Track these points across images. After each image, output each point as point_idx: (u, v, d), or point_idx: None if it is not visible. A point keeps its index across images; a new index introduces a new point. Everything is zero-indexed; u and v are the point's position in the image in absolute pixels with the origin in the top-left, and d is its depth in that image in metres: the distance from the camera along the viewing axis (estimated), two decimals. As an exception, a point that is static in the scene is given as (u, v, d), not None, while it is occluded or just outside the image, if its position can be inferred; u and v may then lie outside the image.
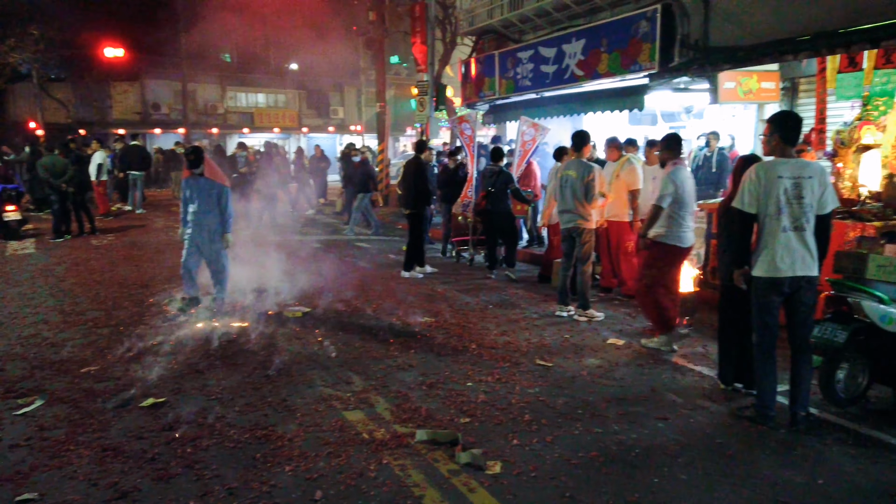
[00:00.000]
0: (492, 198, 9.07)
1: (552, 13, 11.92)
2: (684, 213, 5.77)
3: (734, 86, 9.77)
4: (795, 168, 4.16)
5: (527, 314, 7.19)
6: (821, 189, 4.16)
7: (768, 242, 4.19)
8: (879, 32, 6.78)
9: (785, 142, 4.23)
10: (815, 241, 4.19)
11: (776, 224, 4.15)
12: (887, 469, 3.70)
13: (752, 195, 4.20)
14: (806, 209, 4.14)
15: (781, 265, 4.15)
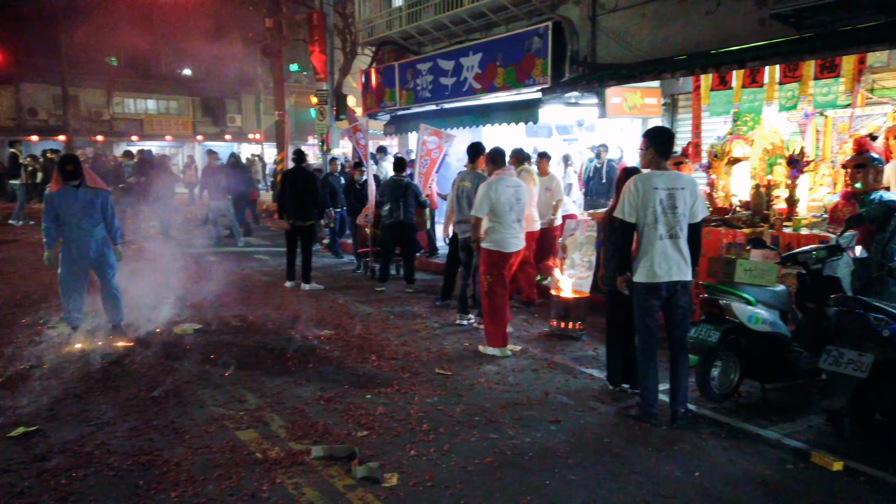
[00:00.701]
0: (399, 209, 9.02)
1: (450, 27, 12.13)
2: (500, 221, 6.11)
3: (620, 101, 10.30)
4: (669, 180, 4.45)
5: (428, 324, 7.23)
6: (692, 199, 4.47)
7: (647, 250, 4.44)
8: (745, 54, 7.37)
9: (659, 155, 4.52)
10: (688, 247, 4.49)
11: (653, 232, 4.41)
12: (755, 458, 4.00)
13: (631, 205, 4.44)
14: (679, 218, 4.43)
15: (659, 271, 4.41)
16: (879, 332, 4.06)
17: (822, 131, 8.40)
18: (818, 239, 6.10)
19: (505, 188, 6.15)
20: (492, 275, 6.19)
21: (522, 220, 6.33)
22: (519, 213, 6.25)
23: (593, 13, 9.87)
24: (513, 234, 6.20)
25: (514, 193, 6.20)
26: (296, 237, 9.15)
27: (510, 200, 6.14)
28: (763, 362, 4.82)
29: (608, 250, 5.30)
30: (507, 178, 6.27)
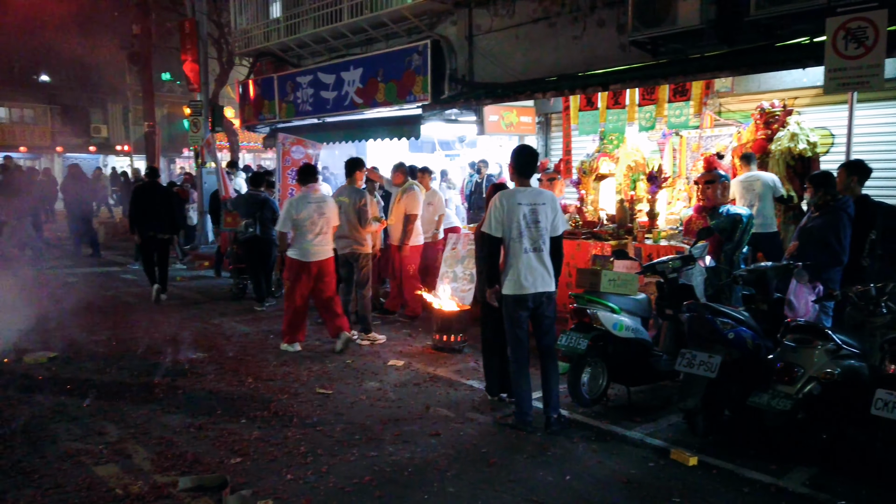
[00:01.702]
0: (255, 225, 8.82)
1: (330, 40, 12.04)
2: (301, 234, 6.63)
3: (498, 119, 10.66)
4: (532, 196, 4.67)
5: (309, 342, 7.06)
6: (553, 214, 4.72)
7: (513, 263, 4.62)
8: (608, 78, 7.88)
9: (519, 173, 4.75)
10: (550, 260, 4.72)
11: (519, 246, 4.60)
12: (621, 458, 4.23)
13: (497, 221, 4.61)
14: (542, 232, 4.64)
15: (525, 283, 4.60)
16: (726, 335, 4.44)
17: (678, 150, 9.13)
18: (675, 250, 6.60)
19: (306, 204, 6.64)
20: (292, 280, 6.71)
21: (329, 232, 6.77)
22: (323, 226, 6.69)
23: (470, 33, 10.16)
24: (314, 245, 6.67)
25: (317, 209, 6.66)
26: (152, 251, 9.28)
27: (311, 216, 6.61)
28: (628, 367, 5.13)
29: (478, 264, 5.46)
30: (310, 194, 6.79)
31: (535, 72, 9.33)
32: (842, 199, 5.26)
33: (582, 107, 8.75)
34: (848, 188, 5.38)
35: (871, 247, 5.24)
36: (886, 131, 7.35)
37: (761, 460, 4.14)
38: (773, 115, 7.59)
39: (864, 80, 5.40)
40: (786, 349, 4.20)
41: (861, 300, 4.51)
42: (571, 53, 8.92)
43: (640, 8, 7.36)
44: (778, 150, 7.34)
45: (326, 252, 6.75)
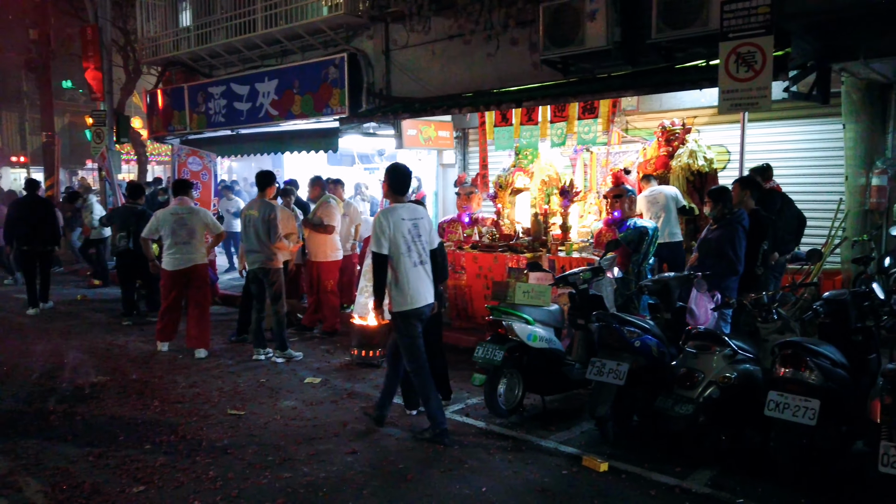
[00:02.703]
0: (128, 238, 8.68)
1: (243, 51, 11.75)
2: (167, 244, 7.13)
3: (416, 133, 10.73)
4: (411, 211, 4.81)
5: (221, 361, 6.82)
6: (429, 227, 4.90)
7: (405, 278, 4.70)
8: (521, 95, 8.07)
9: (394, 190, 4.88)
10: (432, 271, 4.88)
11: (408, 261, 4.69)
12: (535, 467, 4.31)
13: (385, 238, 4.68)
14: (424, 245, 4.80)
15: (418, 296, 4.72)
16: (632, 344, 4.62)
17: (589, 165, 9.49)
18: (586, 262, 6.84)
19: (169, 215, 7.14)
20: (166, 288, 7.24)
21: (192, 241, 7.15)
22: (184, 236, 7.11)
23: (387, 48, 10.18)
24: (174, 254, 7.11)
25: (178, 220, 7.12)
26: (34, 263, 9.15)
27: (172, 226, 7.10)
28: (542, 376, 5.24)
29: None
30: (178, 207, 7.22)
31: (451, 87, 9.43)
32: (737, 212, 5.61)
33: (497, 122, 8.93)
34: (742, 202, 5.74)
35: (764, 257, 5.61)
36: (777, 148, 7.92)
37: (668, 463, 4.31)
38: (673, 132, 8.02)
39: (753, 101, 5.78)
40: (687, 356, 4.42)
41: (754, 307, 4.81)
42: (486, 70, 9.09)
43: (550, 28, 7.61)
44: (678, 167, 7.76)
45: (189, 261, 7.11)
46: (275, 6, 10.76)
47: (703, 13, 6.57)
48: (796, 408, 3.85)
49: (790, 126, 7.89)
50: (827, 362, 4.00)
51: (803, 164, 7.82)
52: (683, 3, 6.68)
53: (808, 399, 3.84)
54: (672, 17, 6.79)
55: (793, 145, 7.92)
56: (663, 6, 6.78)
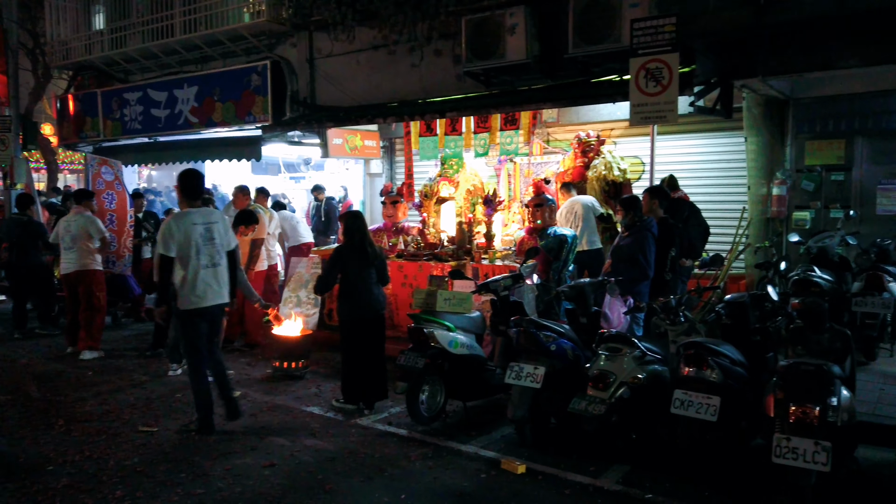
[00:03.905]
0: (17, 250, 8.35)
1: (161, 56, 11.40)
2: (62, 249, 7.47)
3: (342, 142, 10.68)
4: (204, 216, 5.06)
5: (135, 377, 6.56)
6: (225, 231, 5.14)
7: (193, 279, 4.89)
8: (445, 105, 8.19)
9: (186, 196, 5.06)
10: (227, 273, 5.12)
11: (197, 263, 4.90)
12: (455, 472, 4.34)
13: (173, 242, 4.85)
14: (218, 248, 5.04)
15: (204, 297, 4.93)
16: (548, 348, 4.74)
17: (513, 175, 9.69)
18: (508, 269, 6.96)
19: (63, 223, 7.48)
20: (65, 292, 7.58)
21: (75, 247, 7.40)
22: (69, 242, 7.41)
23: (311, 56, 10.10)
24: (63, 261, 7.47)
25: (66, 226, 7.44)
26: None
27: (61, 232, 7.43)
28: (464, 383, 5.30)
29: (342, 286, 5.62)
30: (71, 215, 7.50)
31: (376, 97, 9.45)
32: (647, 220, 5.86)
33: (422, 133, 9.01)
34: (651, 210, 6.00)
35: (672, 262, 5.88)
36: (686, 160, 8.34)
37: (583, 462, 4.44)
38: (588, 144, 8.32)
39: (662, 114, 6.07)
40: (599, 358, 4.57)
41: (663, 311, 5.03)
42: (411, 81, 9.15)
43: (472, 41, 7.76)
44: (594, 177, 8.04)
45: (74, 265, 7.40)
46: (194, 11, 10.51)
47: (616, 30, 6.88)
48: (699, 405, 4.05)
49: (698, 139, 8.32)
50: (727, 361, 4.23)
51: (710, 175, 8.26)
52: (597, 19, 6.97)
53: (710, 396, 4.05)
54: (587, 34, 7.07)
55: (700, 157, 8.35)
56: (579, 22, 7.05)
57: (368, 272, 5.48)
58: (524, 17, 7.39)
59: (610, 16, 6.90)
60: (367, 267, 5.47)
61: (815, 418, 3.58)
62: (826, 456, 3.49)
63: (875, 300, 6.05)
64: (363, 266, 5.47)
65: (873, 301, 6.05)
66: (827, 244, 6.97)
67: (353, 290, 5.48)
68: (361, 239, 5.51)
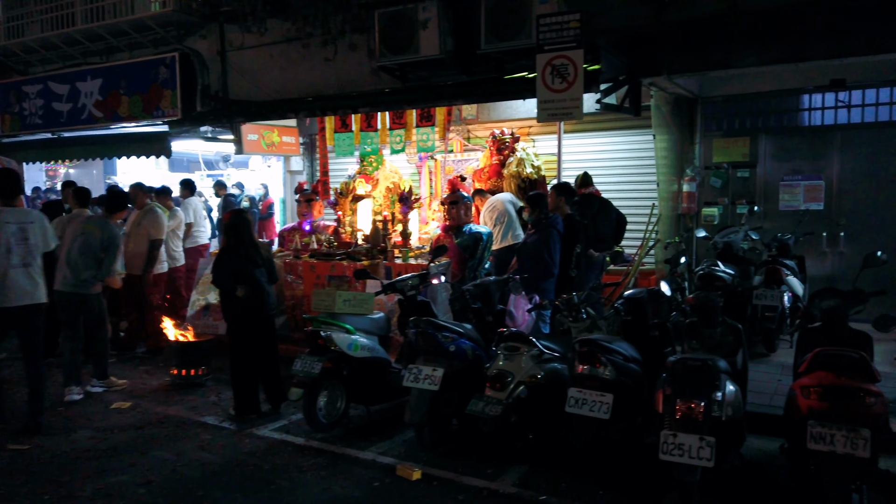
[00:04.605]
0: None
1: (63, 47, 10.73)
2: None
3: (257, 138, 10.32)
4: (19, 215, 5.07)
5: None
6: (41, 232, 5.12)
7: (1, 278, 4.87)
8: (358, 101, 7.99)
9: (1, 195, 5.05)
10: (42, 274, 5.08)
11: (6, 262, 4.89)
12: (348, 481, 4.17)
13: None
14: (32, 248, 5.03)
15: (12, 296, 4.91)
16: (447, 348, 4.62)
17: (434, 173, 9.57)
18: (422, 268, 6.82)
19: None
20: None
21: None
22: None
23: (223, 49, 9.69)
24: None
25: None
26: None
27: None
28: (366, 386, 5.13)
29: None
30: None
31: (291, 91, 9.15)
32: (552, 217, 5.83)
33: (337, 129, 8.78)
34: (558, 207, 5.98)
35: (577, 259, 5.87)
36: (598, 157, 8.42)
37: (482, 465, 4.34)
38: (503, 141, 8.28)
39: (568, 111, 6.06)
40: (497, 357, 4.48)
41: (565, 307, 5.00)
42: (327, 75, 8.90)
43: (385, 35, 7.58)
44: (509, 174, 8.01)
45: None
46: (97, -1, 9.95)
47: (527, 27, 6.82)
48: (593, 403, 4.01)
49: (611, 137, 8.42)
50: (620, 358, 4.21)
51: (622, 172, 8.36)
52: (509, 16, 6.90)
53: (603, 394, 4.01)
54: (499, 30, 6.99)
55: (613, 154, 8.44)
56: (491, 18, 6.96)
57: (258, 271, 5.27)
58: (437, 12, 7.26)
59: (521, 12, 6.84)
60: (254, 267, 5.25)
61: (700, 413, 3.57)
62: (710, 451, 3.49)
63: (774, 293, 6.21)
64: (250, 266, 5.24)
65: (772, 294, 6.20)
66: (732, 239, 7.14)
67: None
68: (243, 239, 5.29)
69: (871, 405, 3.35)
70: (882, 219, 7.51)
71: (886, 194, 7.47)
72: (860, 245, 7.52)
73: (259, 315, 5.32)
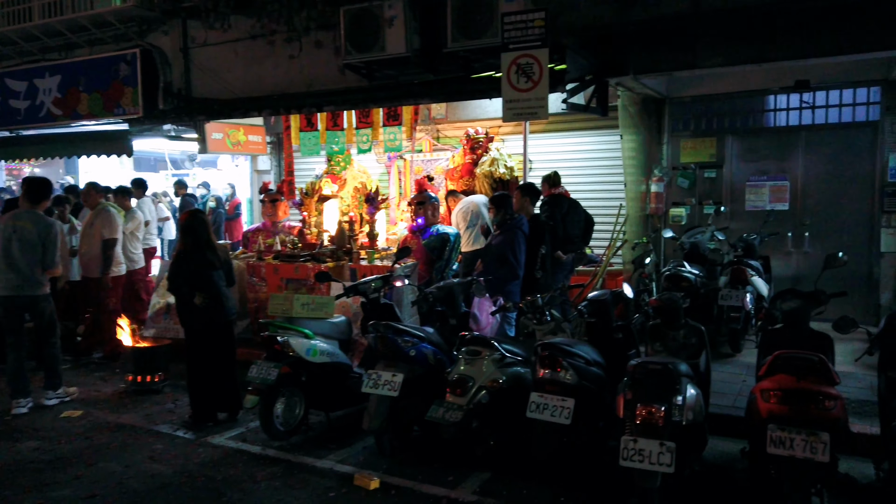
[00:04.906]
0: None
1: (19, 42, 10.40)
2: None
3: (222, 137, 10.09)
4: None
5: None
6: None
7: None
8: (322, 99, 7.83)
9: None
10: None
11: None
12: (303, 492, 4.02)
13: None
14: None
15: None
16: (407, 353, 4.51)
17: (403, 172, 9.45)
18: (388, 269, 6.70)
19: None
20: None
21: None
22: None
23: (185, 45, 9.47)
24: None
25: None
26: None
27: None
28: (325, 392, 4.99)
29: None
30: None
31: (255, 89, 8.95)
32: (517, 217, 5.75)
33: (302, 127, 8.61)
34: (523, 208, 5.90)
35: (542, 260, 5.80)
36: (568, 157, 8.38)
37: (443, 473, 4.24)
38: (477, 141, 8.20)
39: (533, 110, 5.98)
40: (459, 362, 4.38)
41: (529, 309, 4.91)
42: (292, 73, 8.73)
43: (351, 33, 7.43)
44: (481, 174, 7.93)
45: None
46: (54, -7, 9.65)
47: (494, 25, 6.72)
48: (554, 408, 3.93)
49: (580, 137, 8.39)
50: (581, 361, 4.13)
51: (592, 173, 8.33)
52: (475, 14, 6.81)
53: (565, 399, 3.93)
54: (466, 28, 6.89)
55: (582, 154, 8.41)
56: (458, 17, 6.86)
57: (216, 274, 5.11)
58: (403, 10, 7.13)
59: (487, 10, 6.75)
60: (212, 269, 5.09)
61: (661, 419, 3.51)
62: (670, 457, 3.43)
63: (739, 293, 6.21)
64: (208, 269, 5.08)
65: (737, 294, 6.20)
66: (698, 239, 7.14)
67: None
68: (200, 240, 5.13)
69: (830, 409, 3.32)
70: (845, 219, 7.58)
71: (850, 195, 7.54)
72: (824, 245, 7.58)
73: (217, 320, 5.16)
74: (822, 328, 4.24)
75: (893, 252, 7.22)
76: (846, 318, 3.89)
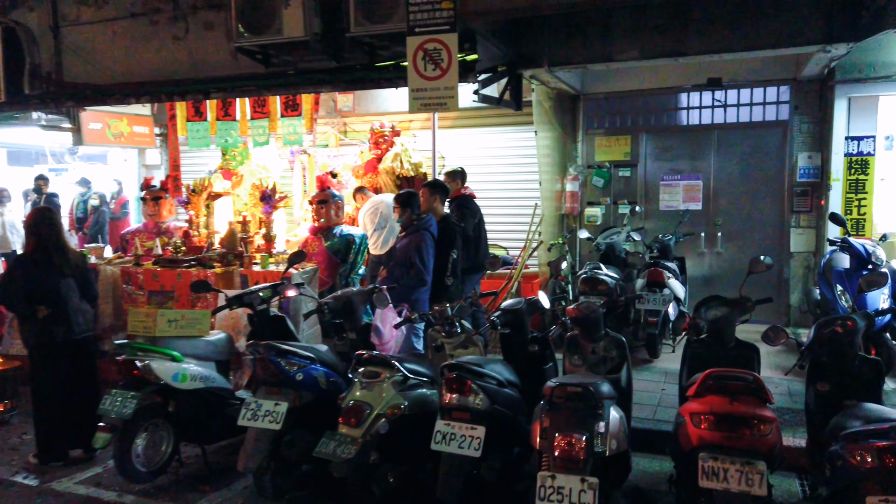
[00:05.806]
0: None
1: None
2: None
3: (101, 127, 9.05)
4: None
5: None
6: None
7: None
8: (210, 85, 7.02)
9: None
10: None
11: None
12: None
13: None
14: None
15: None
16: (293, 378, 3.88)
17: (307, 168, 8.74)
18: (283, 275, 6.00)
19: None
20: None
21: None
22: None
23: (55, 23, 8.35)
24: None
25: None
26: None
27: None
28: (199, 423, 4.27)
29: None
30: None
31: (136, 74, 7.98)
32: (425, 218, 5.22)
33: (190, 117, 7.74)
34: (431, 208, 5.38)
35: (454, 266, 5.30)
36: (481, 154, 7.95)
37: (336, 515, 3.65)
38: (382, 135, 7.62)
39: (442, 101, 5.47)
40: (354, 386, 3.79)
41: (438, 320, 4.39)
42: (180, 57, 7.82)
43: (243, 13, 6.65)
44: (384, 170, 7.35)
45: None
46: None
47: (401, 9, 6.15)
48: (462, 438, 3.41)
49: (493, 132, 7.97)
50: (493, 383, 3.64)
51: (506, 171, 7.93)
52: (381, -4, 6.24)
53: (474, 427, 3.43)
54: (370, 11, 6.28)
55: (497, 151, 8.00)
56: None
57: (63, 283, 4.30)
58: (301, -11, 6.46)
59: (394, -8, 6.19)
60: (60, 277, 4.28)
61: (582, 450, 3.06)
62: (593, 495, 2.99)
63: (656, 297, 5.93)
64: (55, 276, 4.28)
65: (654, 298, 5.92)
66: (614, 240, 6.86)
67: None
68: (46, 242, 4.32)
69: (766, 433, 2.97)
70: (756, 218, 7.53)
71: (761, 194, 7.49)
72: (736, 245, 7.50)
73: (59, 337, 4.33)
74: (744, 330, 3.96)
75: (803, 252, 7.21)
76: (776, 327, 3.59)
